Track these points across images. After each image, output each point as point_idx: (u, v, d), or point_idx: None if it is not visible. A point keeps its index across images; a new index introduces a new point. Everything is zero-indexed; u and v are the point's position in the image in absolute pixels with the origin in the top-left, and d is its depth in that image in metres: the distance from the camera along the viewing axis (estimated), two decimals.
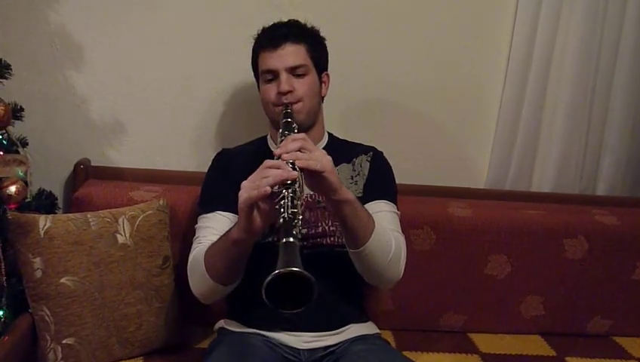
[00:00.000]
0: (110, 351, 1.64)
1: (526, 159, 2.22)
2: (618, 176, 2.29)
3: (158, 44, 2.02)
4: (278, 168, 1.25)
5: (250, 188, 1.26)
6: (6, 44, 1.90)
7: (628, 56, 2.16)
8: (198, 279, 1.49)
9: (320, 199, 1.61)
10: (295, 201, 1.20)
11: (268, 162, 1.29)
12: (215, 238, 1.49)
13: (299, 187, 1.24)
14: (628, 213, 2.10)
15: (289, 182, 1.23)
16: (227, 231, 1.40)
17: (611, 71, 2.18)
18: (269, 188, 1.22)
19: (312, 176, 1.32)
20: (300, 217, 1.18)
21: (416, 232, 1.92)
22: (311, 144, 1.35)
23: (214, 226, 1.56)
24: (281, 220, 1.17)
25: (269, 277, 1.02)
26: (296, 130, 1.47)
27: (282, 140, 1.38)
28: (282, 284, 1.04)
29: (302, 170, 1.28)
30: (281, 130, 1.48)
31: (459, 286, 1.98)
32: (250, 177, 1.28)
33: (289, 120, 1.51)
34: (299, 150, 1.31)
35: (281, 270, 1.03)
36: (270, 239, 1.53)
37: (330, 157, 1.34)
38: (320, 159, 1.31)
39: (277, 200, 1.22)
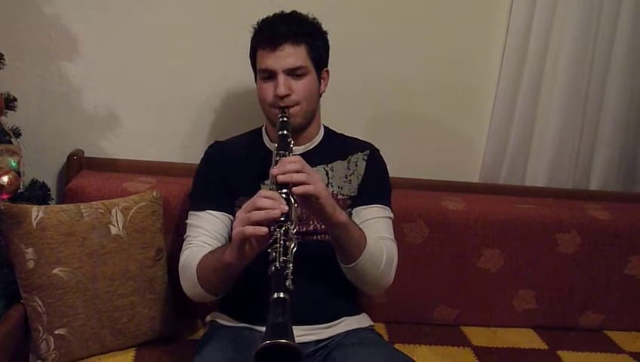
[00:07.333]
0: (102, 342, 1.64)
1: (520, 153, 2.22)
2: (611, 171, 2.30)
3: (154, 36, 2.01)
4: (271, 199, 1.26)
5: (243, 221, 1.26)
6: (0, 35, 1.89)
7: (622, 51, 2.16)
8: (190, 285, 1.51)
9: None
10: (287, 243, 1.21)
11: (263, 192, 1.29)
12: (206, 239, 1.54)
13: (291, 224, 1.25)
14: (621, 208, 2.12)
15: (282, 218, 1.24)
16: (221, 252, 1.41)
17: (606, 66, 2.18)
18: (265, 229, 1.24)
19: (307, 201, 1.34)
20: (291, 266, 1.19)
21: (410, 225, 1.92)
22: (307, 168, 1.36)
23: (205, 226, 1.57)
24: (273, 268, 1.17)
25: (258, 348, 1.04)
26: (291, 144, 1.47)
27: (278, 160, 1.38)
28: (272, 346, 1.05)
29: (297, 197, 1.30)
30: (277, 146, 1.45)
31: (452, 280, 1.98)
32: (244, 205, 1.29)
33: (285, 132, 1.49)
34: (296, 172, 1.32)
35: (270, 342, 1.04)
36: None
37: (324, 185, 1.36)
38: (316, 184, 1.33)
39: (270, 241, 1.23)
